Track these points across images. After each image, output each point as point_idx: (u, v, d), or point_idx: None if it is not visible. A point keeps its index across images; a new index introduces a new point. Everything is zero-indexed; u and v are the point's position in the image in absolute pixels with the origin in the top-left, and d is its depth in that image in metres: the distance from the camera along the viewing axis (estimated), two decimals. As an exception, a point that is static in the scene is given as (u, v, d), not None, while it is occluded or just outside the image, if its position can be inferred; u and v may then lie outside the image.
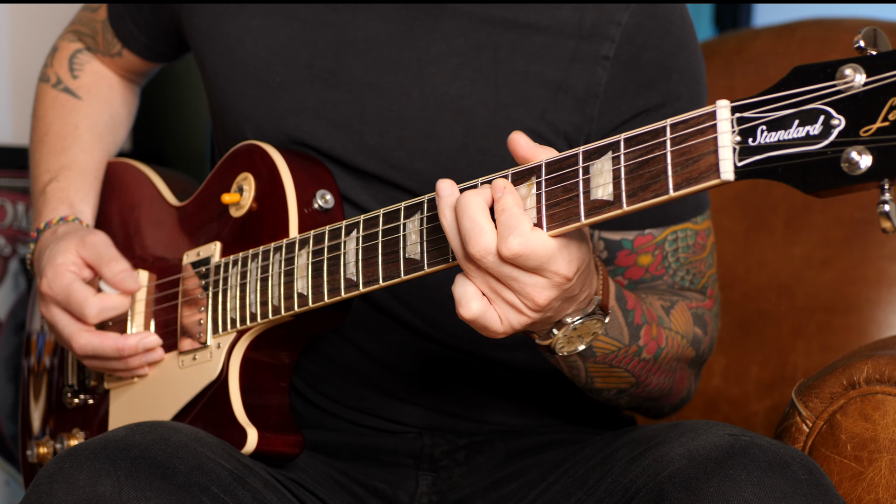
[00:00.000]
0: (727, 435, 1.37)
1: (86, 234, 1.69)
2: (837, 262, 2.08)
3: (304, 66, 1.65)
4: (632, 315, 1.52)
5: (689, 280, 1.68)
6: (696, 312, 1.65)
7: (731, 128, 1.18)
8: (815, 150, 1.14)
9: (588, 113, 1.59)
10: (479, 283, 1.31)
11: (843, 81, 1.13)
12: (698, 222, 1.67)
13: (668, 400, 1.68)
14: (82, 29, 1.93)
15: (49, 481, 1.38)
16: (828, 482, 1.36)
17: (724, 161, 1.18)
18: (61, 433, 1.79)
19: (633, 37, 1.59)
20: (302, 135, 1.65)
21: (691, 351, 1.63)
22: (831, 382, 1.53)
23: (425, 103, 1.61)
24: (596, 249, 1.66)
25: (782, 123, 1.16)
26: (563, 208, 1.28)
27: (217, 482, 1.41)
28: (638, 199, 1.23)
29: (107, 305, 1.64)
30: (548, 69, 1.59)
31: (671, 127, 1.22)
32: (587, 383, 1.56)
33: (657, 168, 1.22)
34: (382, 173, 1.63)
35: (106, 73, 1.93)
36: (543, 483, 1.59)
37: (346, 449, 1.70)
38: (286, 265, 1.52)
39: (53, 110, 1.88)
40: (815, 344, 2.06)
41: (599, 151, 1.27)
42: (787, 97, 1.16)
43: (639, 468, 1.41)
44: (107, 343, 1.64)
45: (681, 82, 1.62)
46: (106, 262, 1.66)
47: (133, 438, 1.40)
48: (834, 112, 1.13)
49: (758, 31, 2.30)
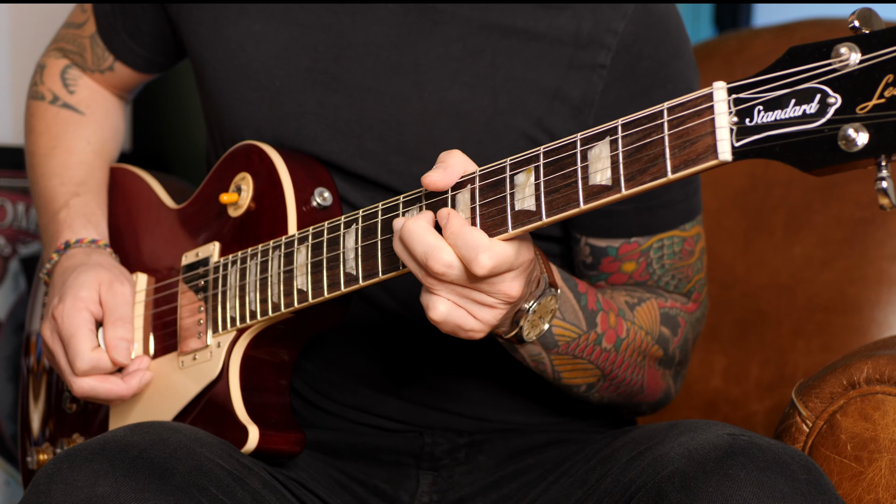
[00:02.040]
0: (726, 435, 1.37)
1: (115, 278, 1.67)
2: (837, 262, 2.07)
3: (305, 70, 1.66)
4: (585, 298, 1.54)
5: (674, 285, 1.69)
6: (668, 312, 1.66)
7: (727, 108, 1.19)
8: (812, 128, 1.15)
9: (583, 120, 1.60)
10: (446, 294, 1.34)
11: (839, 60, 1.14)
12: (686, 229, 1.68)
13: (641, 398, 1.68)
14: (67, 46, 1.90)
15: (48, 482, 1.38)
16: (827, 482, 1.36)
17: (722, 142, 1.19)
18: (61, 439, 1.78)
19: (630, 46, 1.60)
20: (301, 139, 1.66)
21: (657, 349, 1.64)
22: (831, 382, 1.53)
23: (424, 108, 1.62)
24: (582, 254, 1.68)
25: (779, 103, 1.16)
26: (561, 195, 1.29)
27: (216, 483, 1.42)
28: (636, 183, 1.24)
29: (98, 366, 1.63)
30: (545, 76, 1.60)
31: (668, 110, 1.22)
32: (555, 378, 1.58)
33: (655, 151, 1.23)
34: (381, 178, 1.64)
35: (100, 90, 1.91)
36: (544, 482, 1.60)
37: (347, 448, 1.70)
38: (285, 262, 1.52)
39: (57, 125, 1.86)
40: (816, 344, 2.05)
41: (597, 137, 1.27)
42: (783, 77, 1.17)
43: (638, 467, 1.42)
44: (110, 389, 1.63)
45: (675, 91, 1.62)
46: (113, 321, 1.65)
47: (132, 439, 1.41)
48: (830, 90, 1.14)
49: (758, 31, 2.29)
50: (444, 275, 1.31)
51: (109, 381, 1.64)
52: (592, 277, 1.68)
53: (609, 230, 1.65)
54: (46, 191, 1.82)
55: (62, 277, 1.69)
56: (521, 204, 1.32)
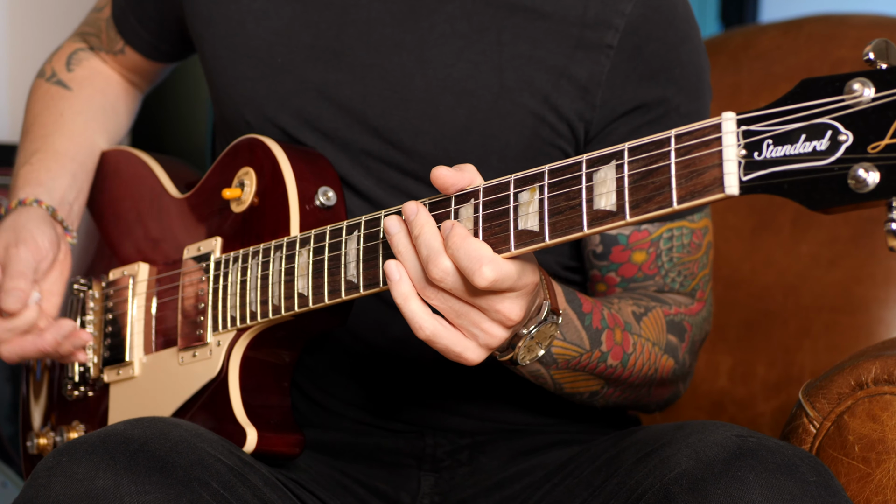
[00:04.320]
0: (735, 436, 1.37)
1: (17, 241, 1.69)
2: (845, 261, 2.07)
3: (307, 47, 1.66)
4: (589, 318, 1.53)
5: (680, 283, 1.68)
6: (673, 319, 1.65)
7: (736, 141, 1.18)
8: (821, 166, 1.13)
9: (590, 101, 1.61)
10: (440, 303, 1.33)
11: (852, 96, 1.12)
12: (695, 220, 1.68)
13: (648, 400, 1.69)
14: (88, 29, 1.94)
15: (47, 475, 1.38)
16: (836, 484, 1.36)
17: (729, 175, 1.18)
18: (61, 426, 1.78)
19: (637, 27, 1.61)
20: (303, 117, 1.66)
21: (667, 359, 1.63)
22: (839, 383, 1.53)
23: (428, 85, 1.62)
24: (592, 243, 1.68)
25: (789, 138, 1.15)
26: (565, 217, 1.28)
27: (217, 478, 1.42)
28: (641, 211, 1.23)
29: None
30: (551, 55, 1.61)
31: (676, 138, 1.22)
32: (556, 388, 1.58)
33: (661, 179, 1.22)
34: (385, 155, 1.64)
35: (104, 70, 1.93)
36: (548, 484, 1.60)
37: (348, 449, 1.71)
38: (287, 264, 1.52)
39: (42, 101, 1.88)
40: (823, 344, 2.05)
41: (603, 160, 1.27)
42: (795, 111, 1.15)
43: (645, 469, 1.41)
44: (27, 348, 1.67)
45: (682, 76, 1.64)
46: (9, 275, 1.67)
47: (132, 432, 1.41)
48: (841, 127, 1.12)
49: (764, 27, 2.30)
50: (441, 280, 1.31)
51: (28, 341, 1.67)
52: (602, 269, 1.68)
53: None
54: (16, 167, 1.84)
55: None
56: (524, 223, 1.31)
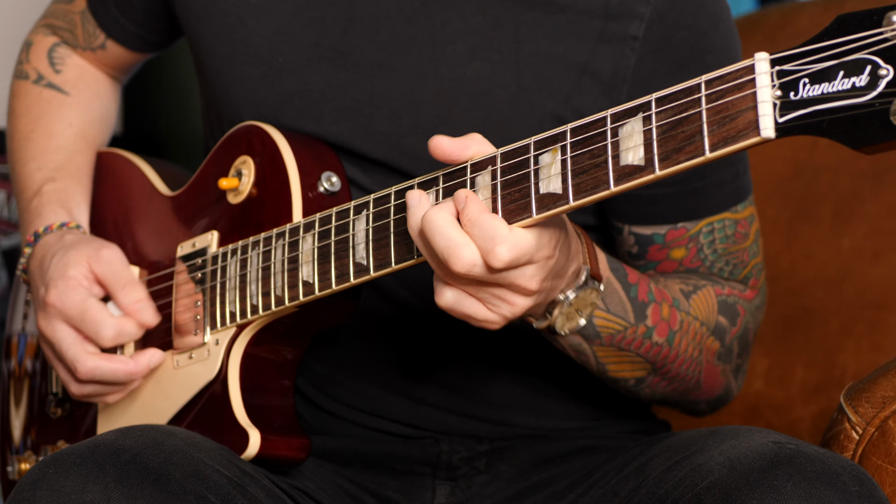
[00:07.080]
0: (771, 442, 1.37)
1: (100, 246, 1.67)
2: (890, 255, 2.08)
3: (310, 45, 1.65)
4: (635, 290, 1.55)
5: (729, 271, 1.69)
6: (726, 300, 1.67)
7: (770, 81, 1.18)
8: (862, 102, 1.14)
9: (615, 98, 1.60)
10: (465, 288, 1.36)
11: (891, 28, 1.13)
12: (738, 210, 1.68)
13: (697, 395, 1.69)
14: (57, 23, 1.92)
15: (32, 488, 1.37)
16: (881, 494, 1.36)
17: (764, 117, 1.18)
18: (45, 446, 1.80)
19: (664, 15, 1.60)
20: (306, 119, 1.66)
21: (713, 341, 1.65)
22: (883, 385, 1.52)
23: (441, 86, 1.61)
24: (626, 244, 1.68)
25: (826, 75, 1.16)
26: (589, 176, 1.29)
27: (214, 490, 1.41)
28: (671, 163, 1.24)
29: (124, 331, 1.64)
30: (572, 50, 1.60)
31: (706, 83, 1.22)
32: (600, 370, 1.60)
33: (692, 128, 1.22)
34: (393, 161, 1.63)
35: (90, 69, 1.93)
36: (571, 494, 1.60)
37: (357, 456, 1.70)
38: (290, 251, 1.52)
39: (39, 106, 1.87)
40: (866, 343, 2.06)
41: (629, 113, 1.27)
42: (831, 47, 1.16)
43: (675, 478, 1.41)
44: (118, 368, 1.63)
45: (716, 63, 1.61)
46: (122, 287, 1.65)
47: (123, 442, 1.40)
48: (881, 61, 1.13)
49: (803, 3, 2.31)
50: (468, 273, 1.32)
51: (116, 360, 1.63)
52: (640, 267, 1.68)
53: (653, 216, 1.65)
54: (22, 177, 1.83)
55: (41, 269, 1.69)
56: (545, 186, 1.31)
